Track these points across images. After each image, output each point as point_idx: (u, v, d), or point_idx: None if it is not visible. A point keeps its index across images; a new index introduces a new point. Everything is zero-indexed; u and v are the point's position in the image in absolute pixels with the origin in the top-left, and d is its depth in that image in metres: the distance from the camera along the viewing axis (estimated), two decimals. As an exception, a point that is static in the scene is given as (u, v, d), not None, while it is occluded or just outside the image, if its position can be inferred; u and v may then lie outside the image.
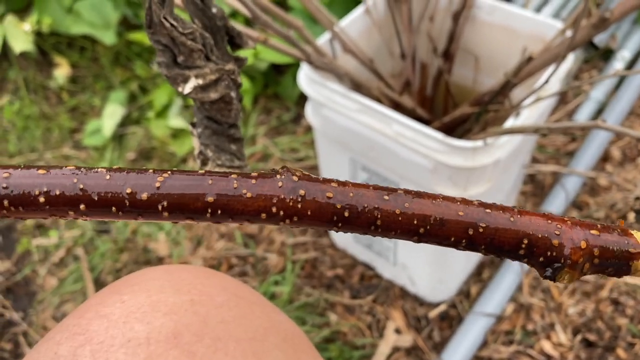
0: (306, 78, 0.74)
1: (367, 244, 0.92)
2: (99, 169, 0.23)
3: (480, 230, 0.23)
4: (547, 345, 0.86)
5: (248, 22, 1.11)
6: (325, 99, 0.73)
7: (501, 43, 0.83)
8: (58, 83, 1.33)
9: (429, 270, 0.86)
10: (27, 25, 1.24)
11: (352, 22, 0.81)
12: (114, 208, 0.23)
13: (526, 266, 0.93)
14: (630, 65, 1.24)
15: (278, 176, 0.23)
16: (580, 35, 0.62)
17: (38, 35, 1.32)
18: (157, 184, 0.22)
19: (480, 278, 0.95)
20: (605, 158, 1.09)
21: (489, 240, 0.24)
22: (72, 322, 0.30)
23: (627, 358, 0.84)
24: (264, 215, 0.23)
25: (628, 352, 0.84)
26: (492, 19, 0.82)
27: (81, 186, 0.22)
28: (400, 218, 0.23)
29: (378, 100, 0.79)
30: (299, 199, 0.23)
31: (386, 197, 0.23)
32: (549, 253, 0.24)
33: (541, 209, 1.00)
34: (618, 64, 1.23)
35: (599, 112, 1.17)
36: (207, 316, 0.31)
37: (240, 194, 0.23)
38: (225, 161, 0.35)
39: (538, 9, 1.26)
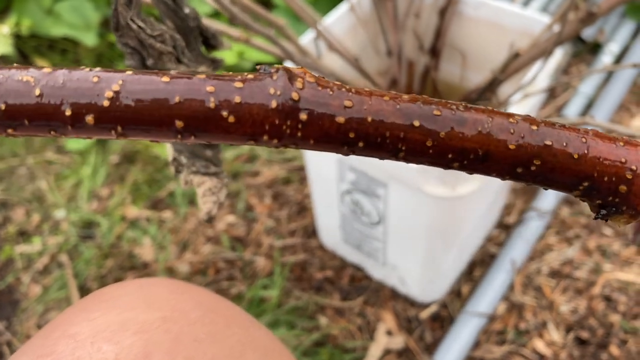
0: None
1: (356, 245, 0.90)
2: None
3: (533, 168, 0.20)
4: (539, 344, 0.85)
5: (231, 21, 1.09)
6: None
7: (488, 39, 0.82)
8: (40, 86, 1.30)
9: (419, 270, 0.85)
10: (6, 28, 1.21)
11: (336, 20, 0.80)
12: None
13: (518, 264, 0.92)
14: (618, 59, 1.24)
15: (271, 89, 0.19)
16: (567, 30, 0.61)
17: (17, 37, 1.29)
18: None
19: (471, 277, 0.94)
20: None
21: (542, 178, 0.20)
22: (38, 342, 0.29)
23: (620, 355, 0.83)
24: (251, 142, 0.19)
25: (621, 348, 0.84)
26: (478, 15, 0.81)
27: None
28: (431, 151, 0.20)
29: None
30: (299, 125, 0.19)
31: (417, 123, 0.19)
32: (611, 198, 0.20)
33: (532, 205, 0.99)
34: (606, 58, 1.23)
35: (588, 106, 1.16)
36: (180, 334, 0.29)
37: (219, 115, 0.19)
38: (200, 168, 0.33)
39: (526, 3, 1.25)
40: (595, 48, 1.26)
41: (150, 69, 0.30)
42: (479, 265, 0.95)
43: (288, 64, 0.71)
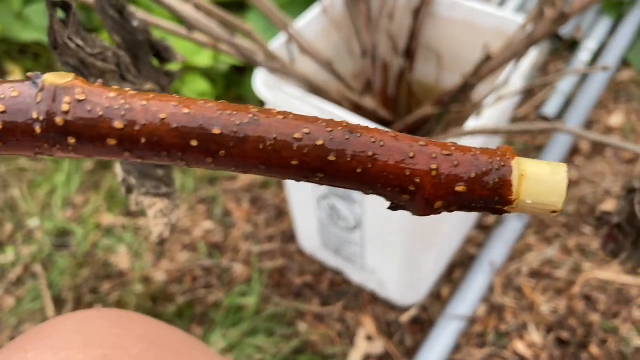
0: (262, 82, 0.71)
1: (335, 249, 0.89)
2: None
3: (317, 179, 0.20)
4: (520, 346, 0.85)
5: (189, 29, 1.07)
6: (283, 104, 0.70)
7: (463, 39, 0.81)
8: (12, 92, 1.28)
9: (398, 274, 0.84)
10: (-25, 33, 1.18)
11: (309, 23, 0.78)
12: None
13: (498, 265, 0.92)
14: (595, 56, 1.24)
15: (34, 113, 0.17)
16: (540, 30, 0.60)
17: (-12, 42, 1.26)
18: None
19: (451, 279, 0.93)
20: (574, 151, 1.08)
21: (331, 184, 0.21)
22: None
23: (600, 354, 0.83)
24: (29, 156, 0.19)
25: (601, 348, 0.83)
26: (452, 15, 0.80)
27: None
28: (213, 165, 0.20)
29: (338, 103, 0.76)
30: (70, 147, 0.18)
31: (195, 143, 0.19)
32: (397, 203, 0.21)
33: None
34: (584, 55, 1.22)
35: (567, 104, 1.16)
36: None
37: None
38: (151, 189, 0.32)
39: (502, 3, 1.25)
40: (572, 45, 1.26)
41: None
42: (459, 267, 0.94)
43: (260, 68, 0.70)
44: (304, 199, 0.84)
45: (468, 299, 0.88)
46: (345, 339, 0.87)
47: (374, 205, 0.74)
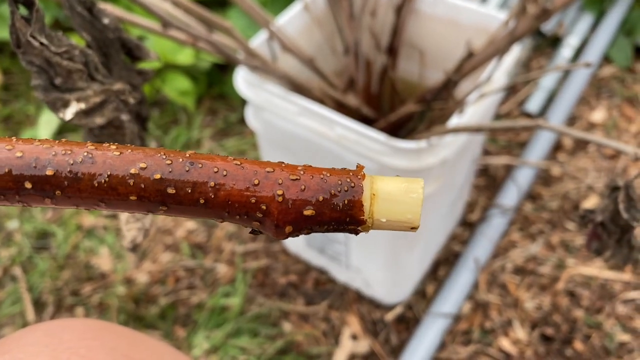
0: (243, 80, 0.70)
1: (319, 248, 0.89)
2: None
3: (162, 211, 0.20)
4: (505, 343, 0.85)
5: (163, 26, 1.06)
6: (265, 102, 0.69)
7: (446, 36, 0.81)
8: (-10, 91, 1.25)
9: (383, 272, 0.83)
10: (-50, 31, 1.16)
11: (290, 20, 0.77)
12: None
13: (482, 262, 0.92)
14: (577, 52, 1.24)
15: None
16: (522, 27, 0.60)
17: (-36, 41, 1.24)
18: None
19: (435, 276, 0.93)
20: (557, 147, 1.08)
21: (178, 214, 0.21)
22: None
23: (584, 350, 0.83)
24: None
25: (585, 343, 0.84)
26: (435, 12, 0.80)
27: None
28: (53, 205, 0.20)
29: (321, 101, 0.76)
30: None
31: (29, 185, 0.20)
32: (250, 228, 0.22)
33: (495, 202, 0.99)
34: (566, 51, 1.23)
35: (550, 100, 1.16)
36: None
37: None
38: None
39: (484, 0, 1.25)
40: (555, 41, 1.26)
41: (59, 88, 0.27)
42: (444, 265, 0.94)
43: (241, 66, 0.69)
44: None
45: (453, 297, 0.88)
46: (331, 338, 0.87)
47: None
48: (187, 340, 0.87)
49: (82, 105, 0.27)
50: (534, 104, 1.14)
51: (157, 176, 0.19)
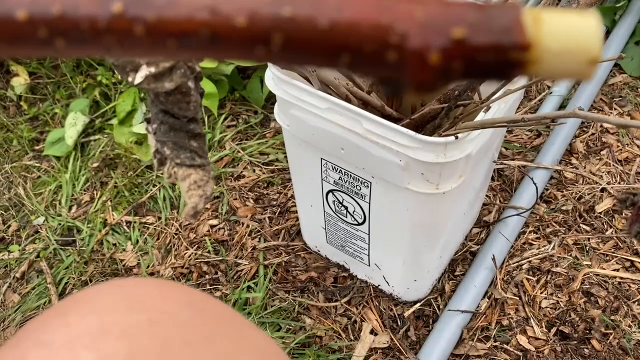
0: (273, 78, 0.73)
1: (340, 245, 0.91)
2: None
3: (273, 46, 0.15)
4: (523, 340, 0.86)
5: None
6: (293, 99, 0.72)
7: None
8: (16, 92, 1.28)
9: (403, 269, 0.85)
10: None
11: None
12: None
13: (498, 261, 0.94)
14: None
15: None
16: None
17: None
18: None
19: (453, 275, 0.95)
20: (570, 152, 1.11)
21: (288, 56, 0.16)
22: (8, 352, 0.26)
23: (602, 349, 0.85)
24: None
25: (602, 343, 0.85)
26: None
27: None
28: (144, 40, 0.16)
29: (346, 99, 0.78)
30: None
31: (119, 8, 0.15)
32: (383, 71, 0.16)
33: (511, 204, 1.01)
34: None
35: (562, 106, 1.18)
36: (169, 338, 0.27)
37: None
38: (185, 159, 0.33)
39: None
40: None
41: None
42: (461, 263, 0.96)
43: (271, 67, 0.72)
44: (311, 194, 0.85)
45: (470, 294, 0.90)
46: (351, 333, 0.89)
47: (382, 199, 0.75)
48: (210, 333, 0.89)
49: (152, 69, 0.29)
50: (547, 111, 1.17)
51: None
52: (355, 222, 0.83)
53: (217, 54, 0.16)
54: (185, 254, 0.99)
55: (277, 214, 1.03)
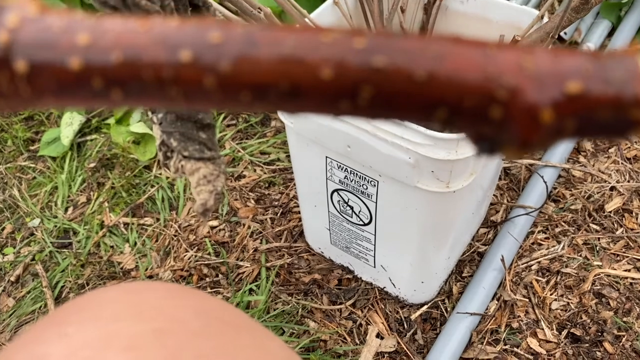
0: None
1: (345, 246, 0.88)
2: None
3: (361, 100, 0.14)
4: (533, 343, 0.84)
5: None
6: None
7: (476, 33, 0.81)
8: (9, 91, 1.25)
9: (410, 271, 0.83)
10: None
11: (319, 15, 0.78)
12: None
13: (507, 262, 0.91)
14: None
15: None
16: (561, 20, 0.60)
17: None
18: None
19: (461, 276, 0.92)
20: (578, 150, 1.08)
21: (377, 111, 0.14)
22: None
23: (615, 351, 0.82)
24: None
25: (615, 345, 0.83)
26: (465, 9, 0.80)
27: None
28: (215, 94, 0.14)
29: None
30: (17, 78, 0.14)
31: (188, 56, 0.14)
32: (484, 127, 0.14)
33: (519, 202, 0.98)
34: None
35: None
36: (180, 350, 0.24)
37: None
38: (194, 152, 0.30)
39: None
40: (572, 46, 1.27)
41: None
42: (468, 264, 0.93)
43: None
44: (315, 194, 0.83)
45: (479, 296, 0.88)
46: (356, 337, 0.86)
47: (389, 199, 0.73)
48: (211, 337, 0.86)
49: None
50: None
51: (360, 43, 0.13)
52: (361, 223, 0.80)
53: (294, 108, 0.15)
54: (185, 256, 0.96)
55: (279, 214, 1.01)
